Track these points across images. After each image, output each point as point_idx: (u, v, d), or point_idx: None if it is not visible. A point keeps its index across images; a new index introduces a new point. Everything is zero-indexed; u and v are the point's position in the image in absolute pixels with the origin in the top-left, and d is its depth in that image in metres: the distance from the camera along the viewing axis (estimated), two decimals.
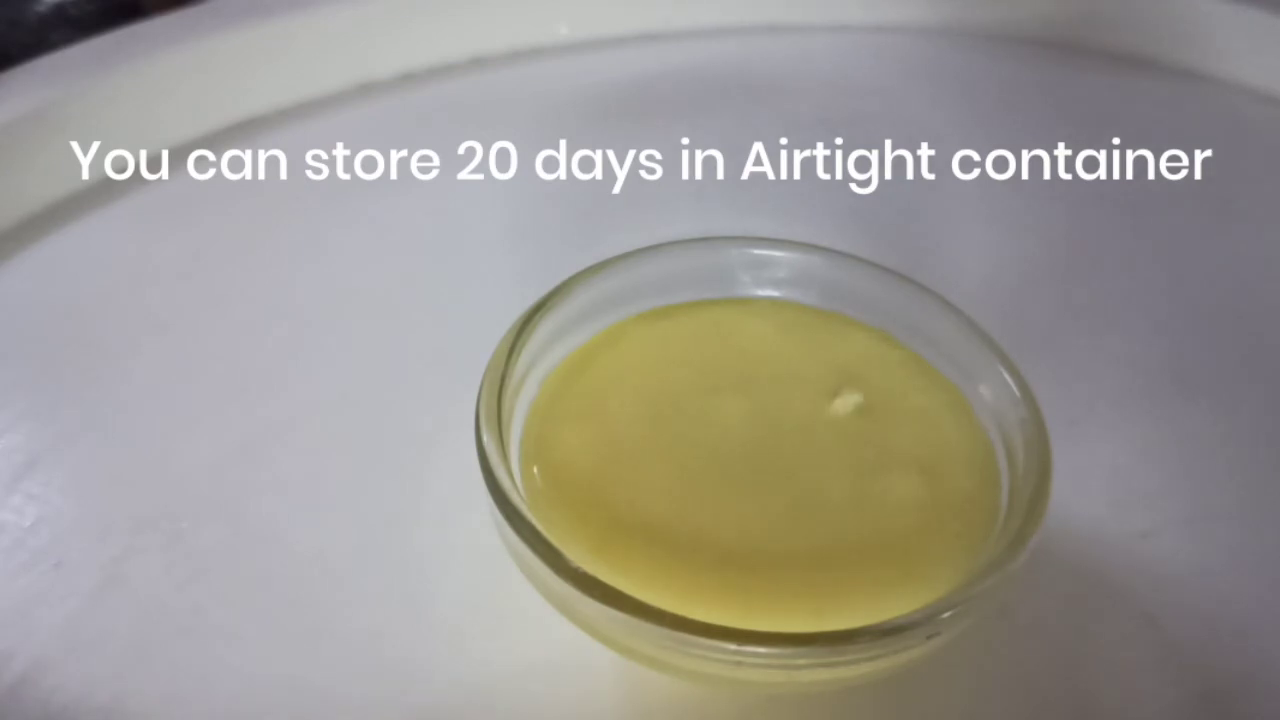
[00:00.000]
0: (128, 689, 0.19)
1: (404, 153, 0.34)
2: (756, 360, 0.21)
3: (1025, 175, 0.35)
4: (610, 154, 0.35)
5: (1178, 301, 0.29)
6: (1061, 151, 0.37)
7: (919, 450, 0.19)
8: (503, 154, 0.34)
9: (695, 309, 0.22)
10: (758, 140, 0.36)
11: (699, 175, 0.34)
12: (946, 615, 0.16)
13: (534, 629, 0.19)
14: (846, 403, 0.19)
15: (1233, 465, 0.24)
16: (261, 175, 0.33)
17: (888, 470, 0.18)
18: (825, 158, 0.35)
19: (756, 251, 0.22)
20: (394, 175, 0.33)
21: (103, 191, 0.32)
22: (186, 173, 0.33)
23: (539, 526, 0.16)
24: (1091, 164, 0.36)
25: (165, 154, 0.33)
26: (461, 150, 0.35)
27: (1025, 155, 0.36)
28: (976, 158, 0.36)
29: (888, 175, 0.35)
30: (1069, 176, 0.35)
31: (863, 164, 0.35)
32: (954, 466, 0.19)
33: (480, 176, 0.33)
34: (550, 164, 0.34)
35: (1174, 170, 0.36)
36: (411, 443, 0.24)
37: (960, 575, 0.17)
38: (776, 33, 0.43)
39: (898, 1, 0.43)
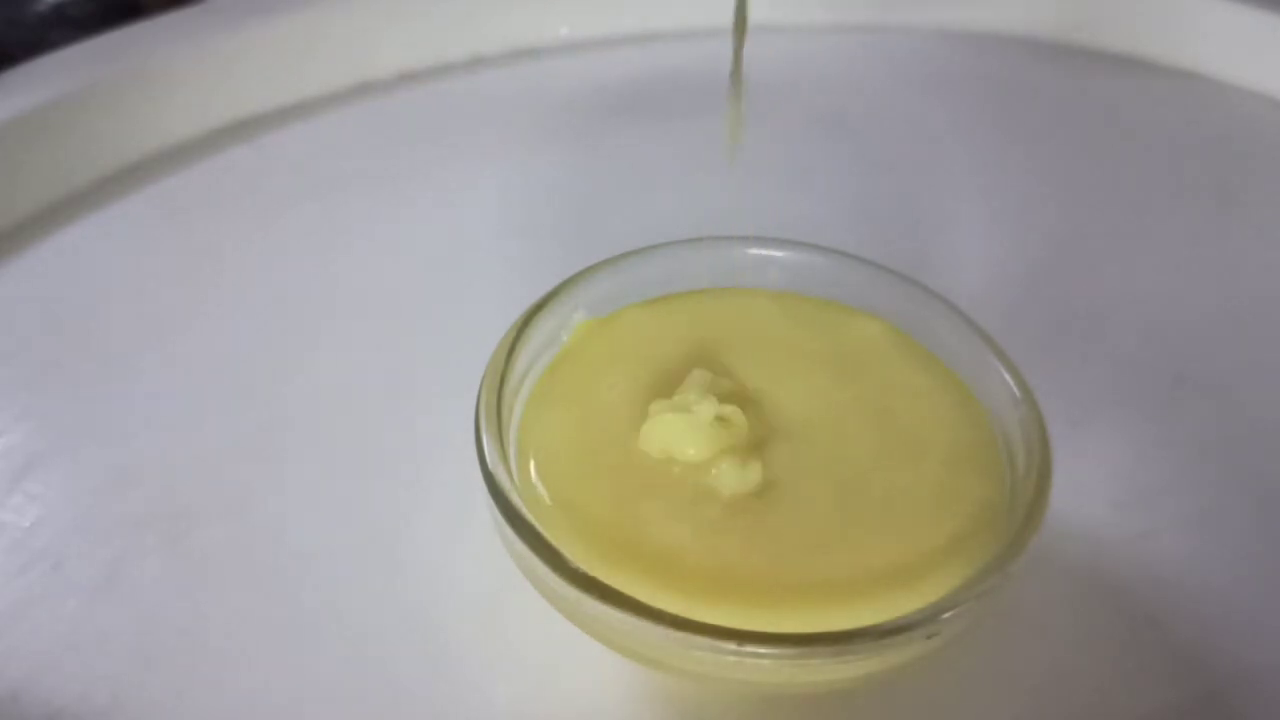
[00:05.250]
0: (128, 689, 0.19)
1: (403, 152, 0.34)
2: (758, 349, 0.21)
3: (1025, 175, 0.35)
4: (609, 154, 0.35)
5: (1178, 302, 0.29)
6: (1061, 151, 0.37)
7: (920, 448, 0.19)
8: (502, 153, 0.34)
9: (695, 298, 0.22)
10: (757, 140, 0.36)
11: (698, 175, 0.34)
12: (946, 615, 0.16)
13: (534, 629, 0.19)
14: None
15: (1232, 465, 0.24)
16: (261, 175, 0.33)
17: (889, 468, 0.18)
18: (825, 157, 0.35)
19: (756, 251, 0.22)
20: (393, 175, 0.33)
21: (103, 191, 0.32)
22: (186, 173, 0.33)
23: (539, 527, 0.16)
24: (1091, 164, 0.36)
25: (165, 154, 0.33)
26: (461, 150, 0.35)
27: (1025, 155, 0.36)
28: (976, 158, 0.36)
29: (888, 175, 0.35)
30: (1069, 176, 0.35)
31: (862, 164, 0.35)
32: (955, 466, 0.19)
33: (480, 176, 0.33)
34: (550, 163, 0.34)
35: (1174, 170, 0.36)
36: (411, 442, 0.24)
37: (960, 575, 0.17)
38: (776, 32, 0.43)
39: (897, 1, 0.43)
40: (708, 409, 0.18)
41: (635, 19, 0.41)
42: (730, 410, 0.18)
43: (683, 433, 0.18)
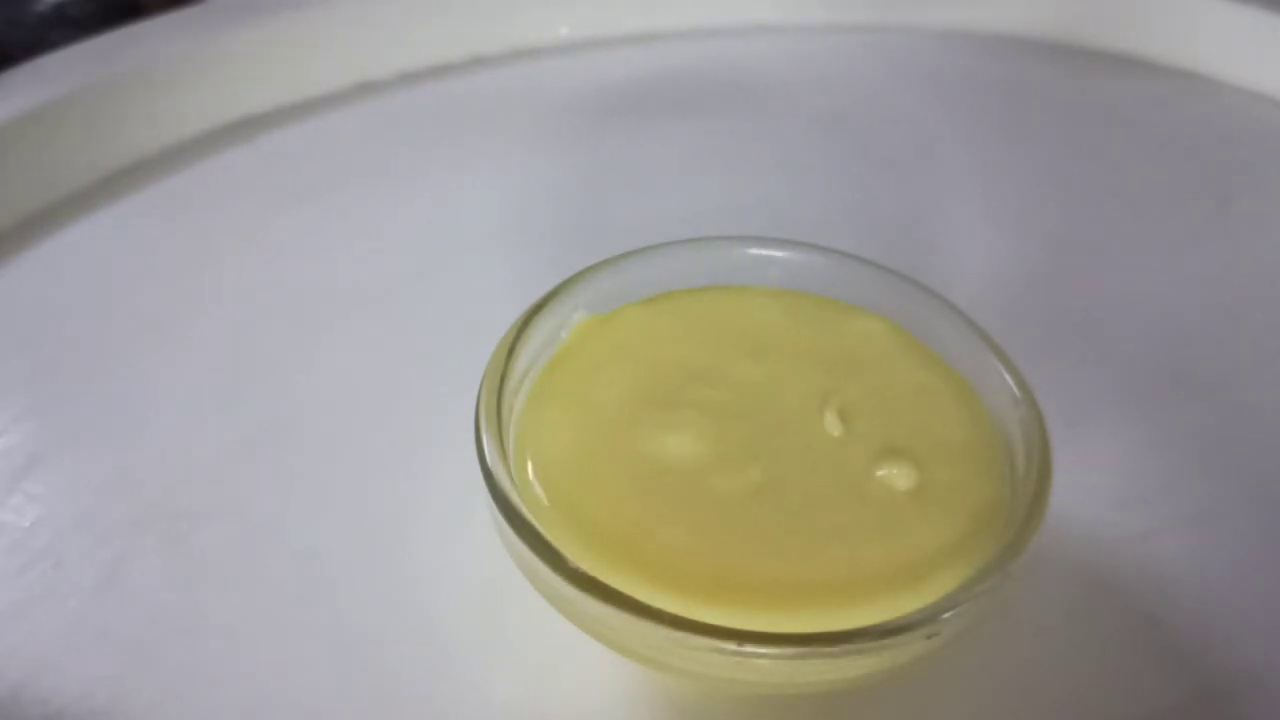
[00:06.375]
0: (128, 689, 0.19)
1: (403, 152, 0.34)
2: (758, 347, 0.21)
3: (1025, 175, 0.35)
4: (609, 154, 0.35)
5: (1177, 301, 0.29)
6: (1061, 151, 0.37)
7: (921, 447, 0.19)
8: (502, 153, 0.34)
9: (695, 297, 0.22)
10: (757, 140, 0.36)
11: (698, 175, 0.34)
12: (946, 615, 0.16)
13: (534, 629, 0.19)
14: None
15: (1232, 465, 0.24)
16: (261, 175, 0.33)
17: (890, 467, 0.18)
18: (825, 157, 0.35)
19: (756, 251, 0.22)
20: (393, 175, 0.33)
21: (103, 191, 0.32)
22: (186, 173, 0.33)
23: (539, 527, 0.16)
24: (1091, 164, 0.36)
25: (165, 154, 0.33)
26: (461, 150, 0.35)
27: (1025, 155, 0.36)
28: (976, 158, 0.36)
29: (887, 175, 0.35)
30: (1069, 176, 0.35)
31: (862, 164, 0.35)
32: (956, 465, 0.19)
33: (480, 176, 0.33)
34: (550, 163, 0.34)
35: (1174, 170, 0.36)
36: (411, 442, 0.24)
37: (961, 575, 0.17)
38: (776, 33, 0.43)
39: (897, 1, 0.43)
40: (704, 425, 0.18)
41: (635, 19, 0.41)
42: (729, 420, 0.18)
43: (679, 447, 0.18)
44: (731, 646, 0.15)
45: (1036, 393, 0.19)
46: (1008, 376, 0.20)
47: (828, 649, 0.15)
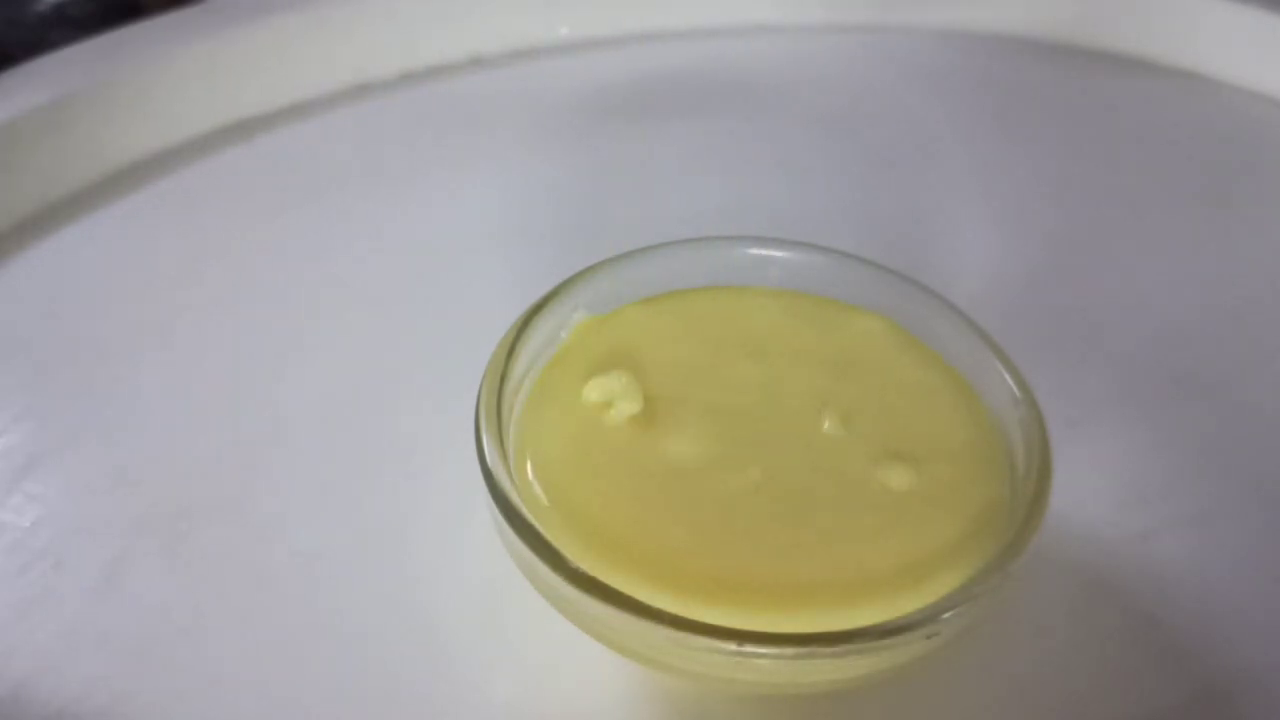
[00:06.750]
0: (128, 689, 0.19)
1: (403, 152, 0.34)
2: (759, 343, 0.21)
3: (1025, 175, 0.35)
4: (609, 154, 0.35)
5: (1177, 301, 0.29)
6: (1061, 151, 0.37)
7: (921, 447, 0.19)
8: (502, 153, 0.34)
9: (695, 297, 0.22)
10: (757, 140, 0.36)
11: (698, 175, 0.34)
12: (946, 615, 0.16)
13: (534, 629, 0.19)
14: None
15: (1232, 465, 0.24)
16: (261, 175, 0.33)
17: (889, 467, 0.18)
18: (825, 157, 0.35)
19: (756, 251, 0.22)
20: (393, 175, 0.33)
21: (103, 191, 0.32)
22: (186, 173, 0.33)
23: (539, 527, 0.16)
24: (1091, 164, 0.36)
25: (165, 154, 0.33)
26: (461, 150, 0.35)
27: (1025, 155, 0.36)
28: (976, 158, 0.36)
29: (888, 175, 0.35)
30: (1069, 176, 0.35)
31: (862, 164, 0.35)
32: (956, 465, 0.19)
33: (480, 176, 0.33)
34: (550, 163, 0.34)
35: (1174, 170, 0.36)
36: (412, 442, 0.24)
37: (961, 575, 0.17)
38: (776, 33, 0.43)
39: (897, 1, 0.43)
40: (704, 425, 0.19)
41: (635, 19, 0.41)
42: (729, 420, 0.18)
43: (679, 447, 0.18)
44: (731, 646, 0.15)
45: (1036, 393, 0.19)
46: (1008, 376, 0.20)
47: (828, 649, 0.15)
